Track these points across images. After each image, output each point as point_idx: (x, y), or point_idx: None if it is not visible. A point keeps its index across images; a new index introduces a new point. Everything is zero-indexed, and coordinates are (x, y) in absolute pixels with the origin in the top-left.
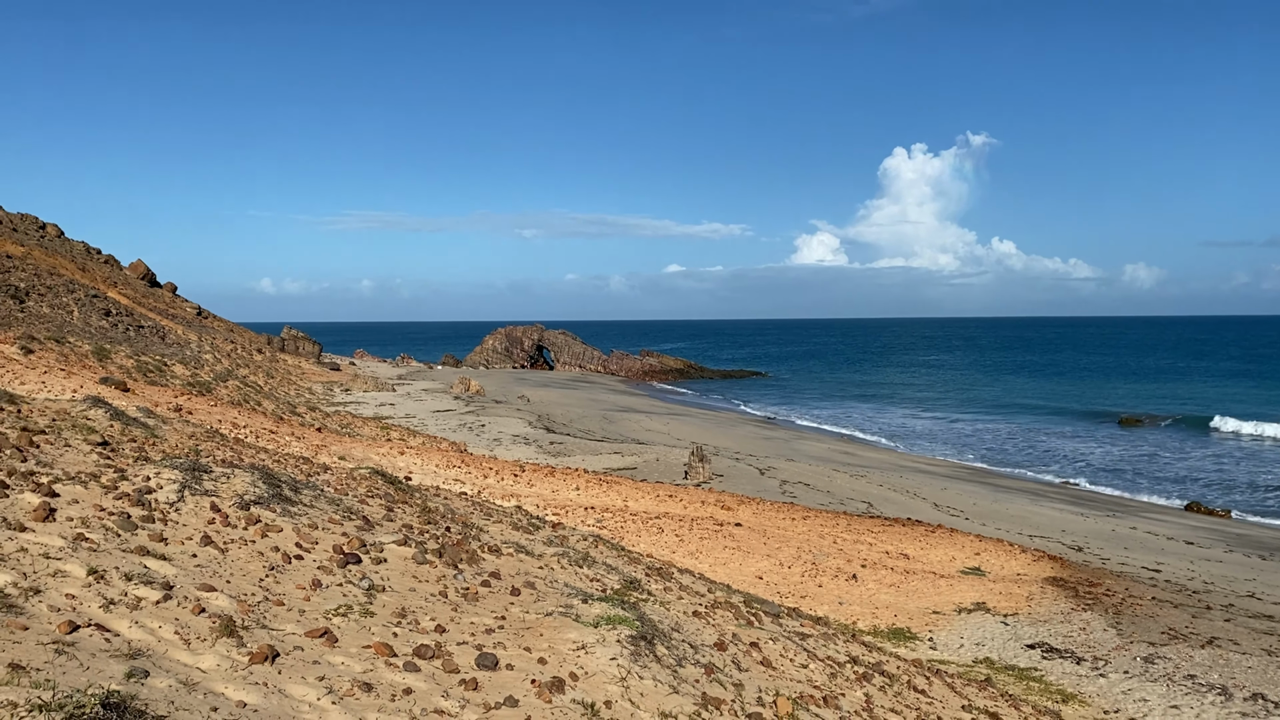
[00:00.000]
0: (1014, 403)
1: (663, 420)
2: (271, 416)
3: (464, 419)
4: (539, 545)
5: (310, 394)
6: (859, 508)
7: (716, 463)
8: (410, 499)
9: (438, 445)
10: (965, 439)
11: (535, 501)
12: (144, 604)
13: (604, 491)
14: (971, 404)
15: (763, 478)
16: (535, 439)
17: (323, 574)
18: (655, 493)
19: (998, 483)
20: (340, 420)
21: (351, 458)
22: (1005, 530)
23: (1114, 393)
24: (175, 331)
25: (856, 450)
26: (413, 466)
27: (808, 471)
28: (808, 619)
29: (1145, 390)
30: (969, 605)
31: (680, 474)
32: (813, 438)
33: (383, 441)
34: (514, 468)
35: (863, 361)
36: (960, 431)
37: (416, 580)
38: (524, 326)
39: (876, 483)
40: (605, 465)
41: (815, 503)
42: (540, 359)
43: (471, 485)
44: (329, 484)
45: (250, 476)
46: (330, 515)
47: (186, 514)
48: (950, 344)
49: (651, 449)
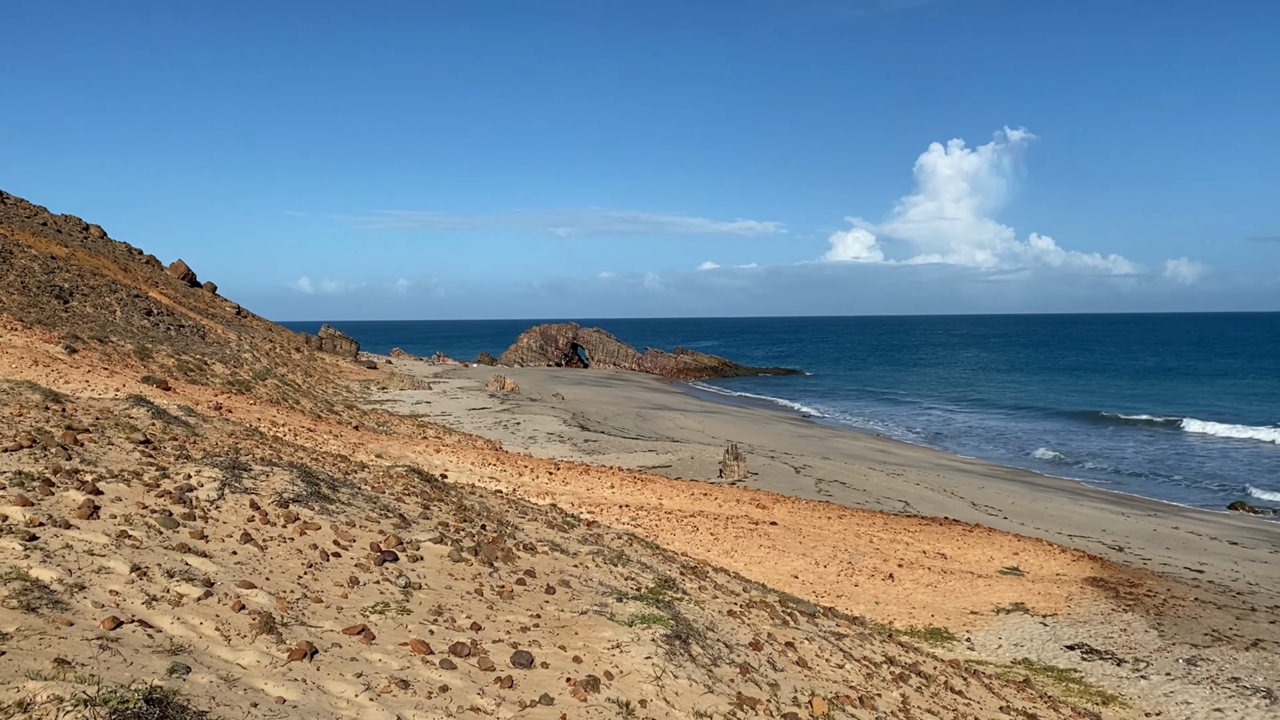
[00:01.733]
0: (1053, 401)
1: (697, 418)
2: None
3: (499, 417)
4: (574, 543)
5: (347, 392)
6: (895, 506)
7: (751, 461)
8: (446, 497)
9: (473, 443)
10: (1003, 437)
11: (570, 499)
12: (185, 601)
13: (638, 490)
14: (1009, 402)
15: (798, 476)
16: (570, 437)
17: (360, 571)
18: (690, 491)
19: (1036, 481)
20: (377, 418)
21: (388, 456)
22: (1044, 530)
23: (1155, 391)
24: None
25: (893, 448)
26: (448, 464)
27: (843, 470)
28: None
29: (1186, 389)
30: (1007, 605)
31: (715, 472)
32: (848, 436)
33: (419, 439)
34: (549, 466)
35: (899, 359)
36: (998, 430)
37: (452, 578)
38: (558, 325)
39: (913, 481)
40: (640, 463)
41: (851, 501)
42: (575, 357)
43: (506, 483)
44: (366, 482)
45: (289, 475)
46: (367, 513)
47: (227, 512)
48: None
49: (686, 447)
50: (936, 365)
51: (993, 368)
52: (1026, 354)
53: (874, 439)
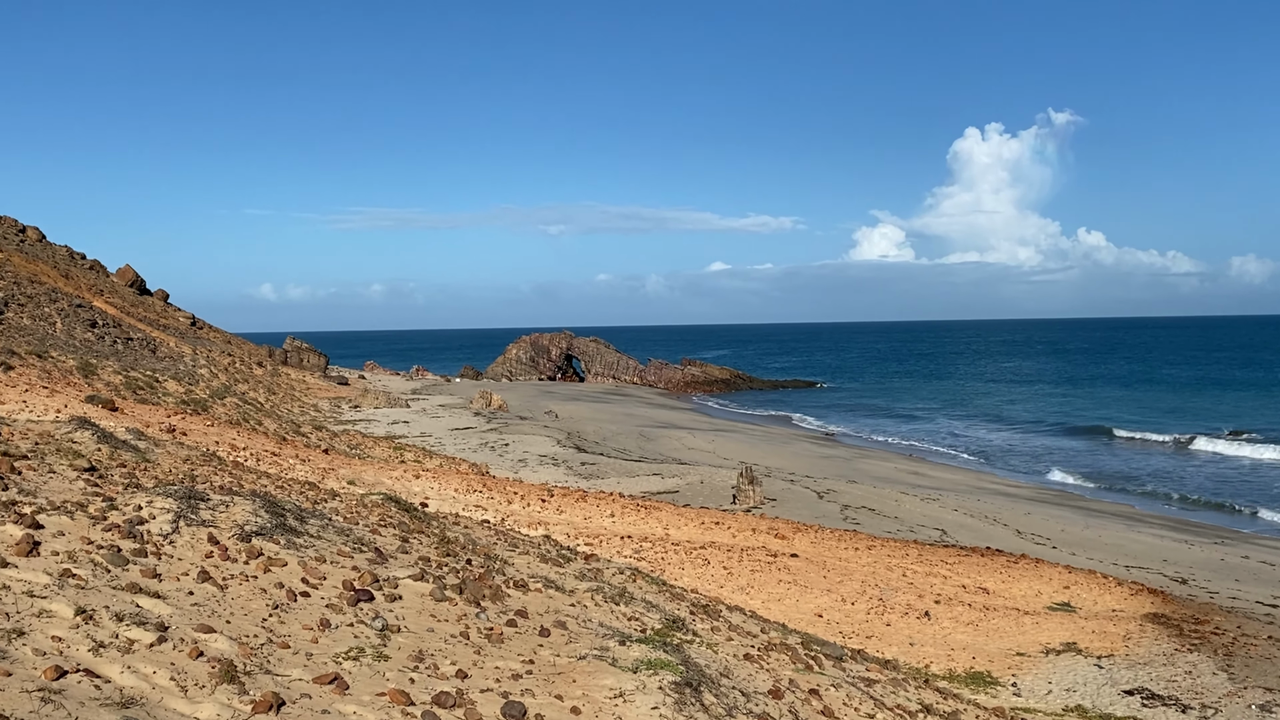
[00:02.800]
0: (1105, 416)
1: (707, 437)
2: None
3: (485, 438)
4: (570, 580)
5: (316, 411)
6: (931, 535)
7: (769, 485)
8: (427, 528)
9: (456, 468)
10: (1050, 456)
11: (565, 530)
12: (137, 647)
13: (642, 518)
14: (1056, 417)
15: (821, 502)
16: (564, 459)
17: (332, 613)
18: (700, 519)
19: (1088, 506)
20: (349, 440)
21: (362, 482)
22: (1098, 560)
23: (1220, 404)
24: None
25: (927, 470)
26: (429, 492)
27: (872, 494)
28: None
29: (1256, 402)
30: (1057, 646)
31: (727, 498)
32: (877, 456)
33: (396, 464)
34: (541, 492)
35: (932, 370)
36: (1044, 448)
37: (435, 619)
38: (551, 334)
39: (950, 507)
40: (643, 488)
41: (881, 530)
42: (569, 370)
43: (494, 512)
44: (337, 512)
45: (251, 505)
46: (339, 547)
47: (182, 547)
48: (1031, 349)
49: (695, 470)
50: (974, 377)
51: (1037, 379)
52: (1075, 363)
53: (905, 459)
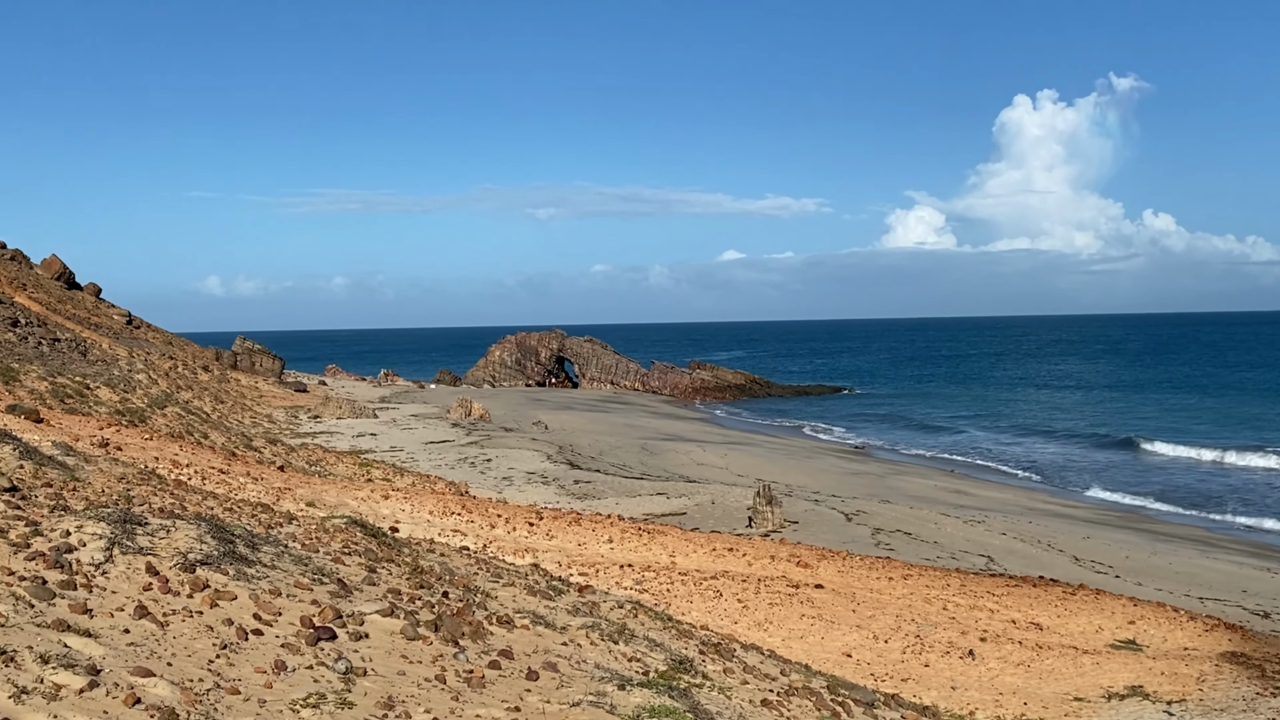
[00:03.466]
0: (1174, 426)
1: (719, 451)
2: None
3: (464, 452)
4: (562, 615)
5: (270, 422)
6: (976, 563)
7: (790, 506)
8: (397, 556)
9: (431, 487)
10: (1113, 473)
11: (556, 558)
12: (64, 693)
13: (645, 544)
14: (1118, 427)
15: (850, 525)
16: (556, 477)
17: (288, 653)
18: (711, 545)
19: (1156, 529)
20: (308, 456)
21: (322, 504)
22: (1167, 591)
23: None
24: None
25: (971, 488)
26: (400, 514)
27: (908, 516)
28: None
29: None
30: (1121, 689)
31: (742, 520)
32: (914, 472)
33: (362, 482)
34: (529, 514)
35: (976, 373)
36: (1106, 463)
37: (406, 661)
38: (540, 333)
39: (998, 530)
40: (646, 510)
41: (919, 557)
42: (561, 374)
43: (475, 538)
44: (295, 538)
45: (196, 530)
46: (297, 578)
47: (116, 578)
48: (1090, 349)
49: (705, 488)
50: (1023, 381)
51: (1095, 383)
52: (1139, 365)
53: (946, 475)
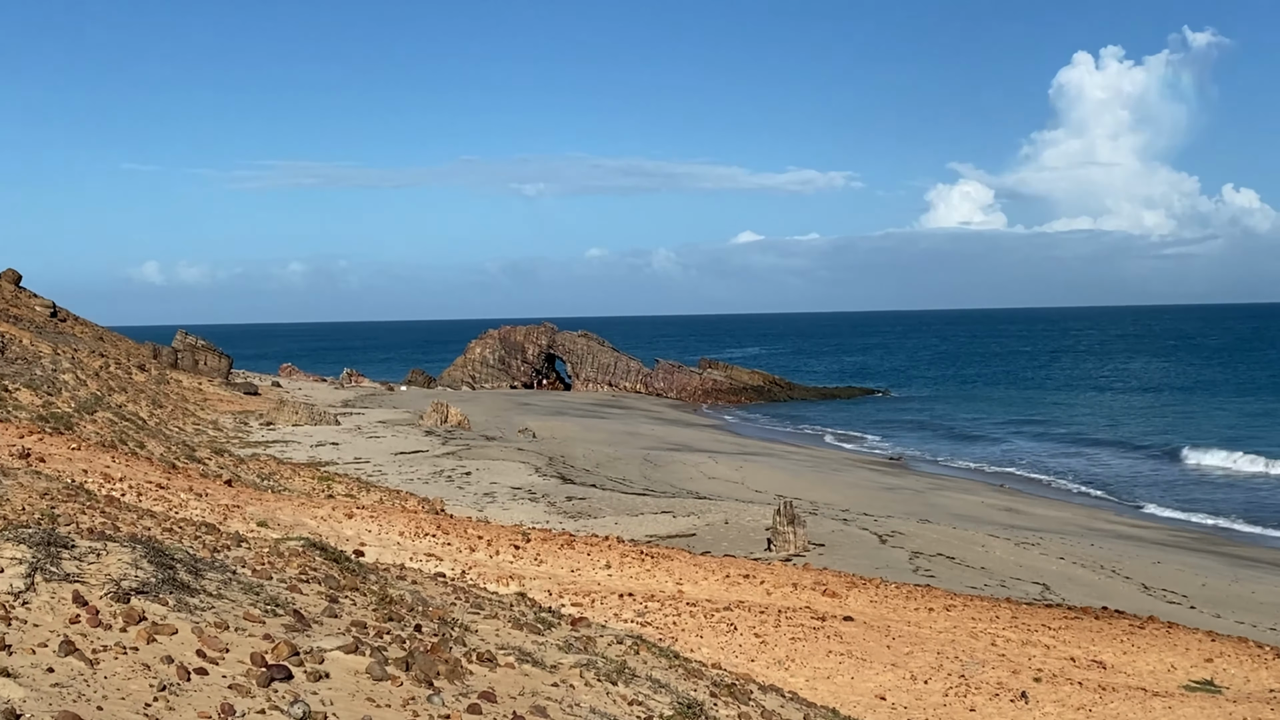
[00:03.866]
0: (1257, 434)
1: (733, 463)
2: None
3: (440, 464)
4: (552, 651)
5: (216, 430)
6: (1029, 591)
7: (814, 526)
8: (363, 584)
9: (402, 504)
10: (1187, 488)
11: (546, 586)
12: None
13: (648, 570)
14: (1194, 436)
15: (884, 548)
16: (545, 493)
17: (237, 696)
18: (724, 571)
19: (1238, 553)
20: (260, 468)
21: (277, 524)
22: (1250, 624)
23: None
24: (20, 341)
25: (1024, 505)
26: (366, 536)
27: (951, 538)
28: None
29: None
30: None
31: (760, 543)
32: (958, 487)
33: (321, 499)
34: (514, 536)
35: (1029, 374)
36: (1179, 476)
37: (373, 704)
38: (527, 327)
39: (1055, 554)
40: (649, 531)
41: (963, 585)
42: (551, 374)
43: (452, 563)
44: (244, 563)
45: (130, 554)
46: (246, 609)
47: (39, 610)
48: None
49: (717, 506)
50: (1085, 382)
51: (1168, 385)
52: (1217, 364)
53: (995, 491)
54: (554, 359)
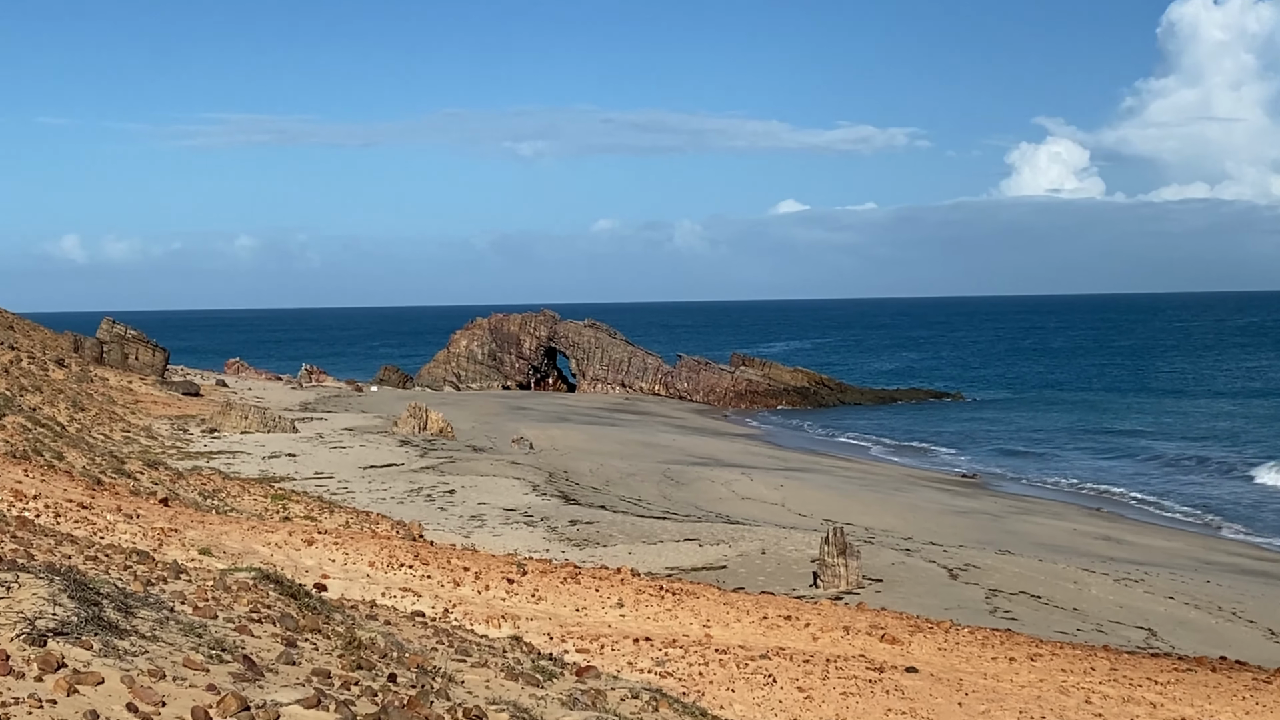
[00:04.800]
0: None
1: (772, 480)
2: (82, 479)
3: (418, 480)
4: (554, 707)
5: (149, 438)
6: (1132, 638)
7: (871, 557)
8: (326, 625)
9: (373, 528)
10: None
11: (546, 628)
12: None
13: (668, 610)
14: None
15: (954, 584)
16: (545, 515)
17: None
18: (761, 611)
19: None
20: (202, 484)
21: (222, 551)
22: None
23: None
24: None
25: (1125, 533)
26: (329, 566)
27: (1037, 572)
28: None
29: None
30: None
31: (804, 578)
32: (1045, 511)
33: (276, 522)
34: (507, 567)
35: (1131, 372)
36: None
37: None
38: (523, 315)
39: (1163, 592)
40: (670, 562)
41: (1051, 629)
42: (552, 372)
43: (433, 599)
44: (184, 598)
45: (47, 587)
46: (187, 655)
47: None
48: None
49: (752, 532)
50: (1199, 384)
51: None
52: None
53: (1090, 516)
54: (555, 354)
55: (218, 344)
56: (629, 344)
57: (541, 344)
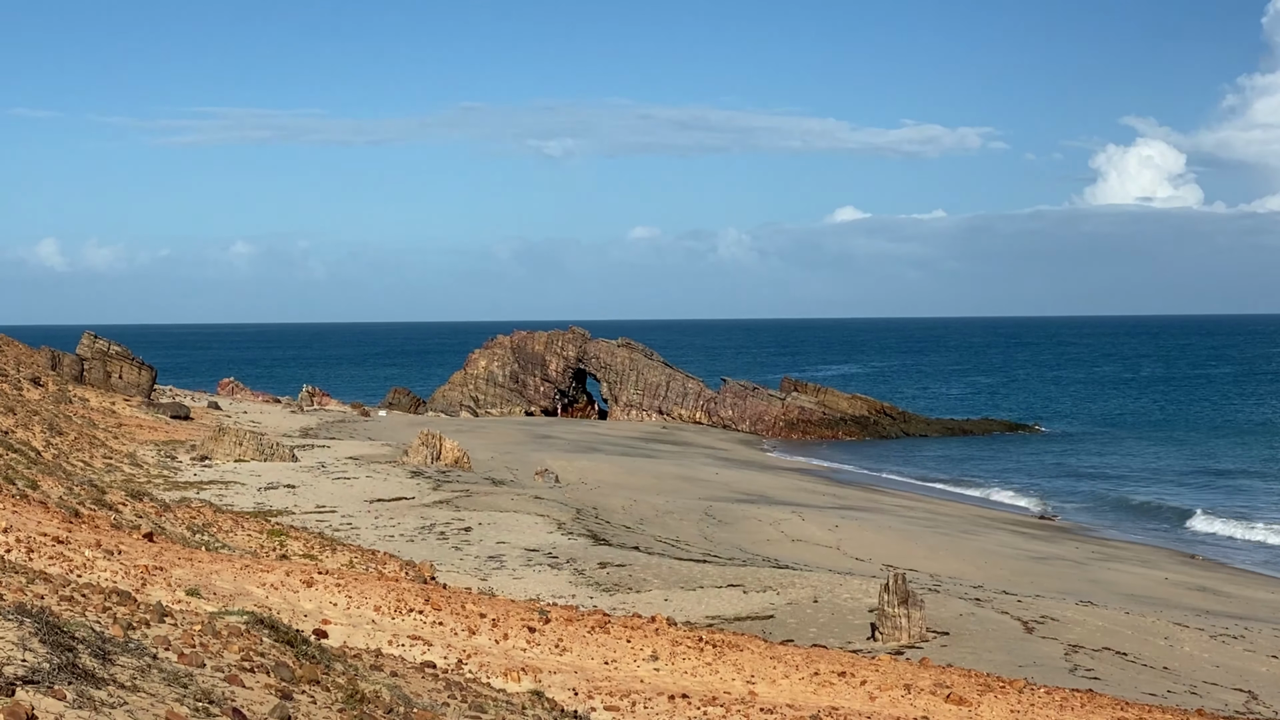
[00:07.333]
0: None
1: (826, 520)
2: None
3: (430, 516)
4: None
5: (134, 466)
6: (1229, 701)
7: (936, 607)
8: (326, 676)
9: (380, 568)
10: None
11: (571, 683)
12: None
13: (708, 664)
14: None
15: (1030, 639)
16: (571, 557)
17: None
18: (811, 667)
19: None
20: (191, 518)
21: (212, 592)
22: None
23: None
24: None
25: (1223, 583)
26: (330, 610)
27: (1123, 627)
28: None
29: None
30: None
31: (861, 630)
32: (1132, 557)
33: (272, 560)
34: (528, 615)
35: (1232, 403)
36: None
37: None
38: (549, 333)
39: (1266, 650)
40: (710, 610)
41: (1140, 691)
42: (581, 396)
43: (445, 649)
44: (168, 645)
45: (16, 630)
46: (170, 708)
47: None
48: None
49: (804, 579)
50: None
51: None
52: None
53: (1184, 564)
54: (584, 376)
55: (210, 362)
56: (667, 366)
57: (569, 365)
